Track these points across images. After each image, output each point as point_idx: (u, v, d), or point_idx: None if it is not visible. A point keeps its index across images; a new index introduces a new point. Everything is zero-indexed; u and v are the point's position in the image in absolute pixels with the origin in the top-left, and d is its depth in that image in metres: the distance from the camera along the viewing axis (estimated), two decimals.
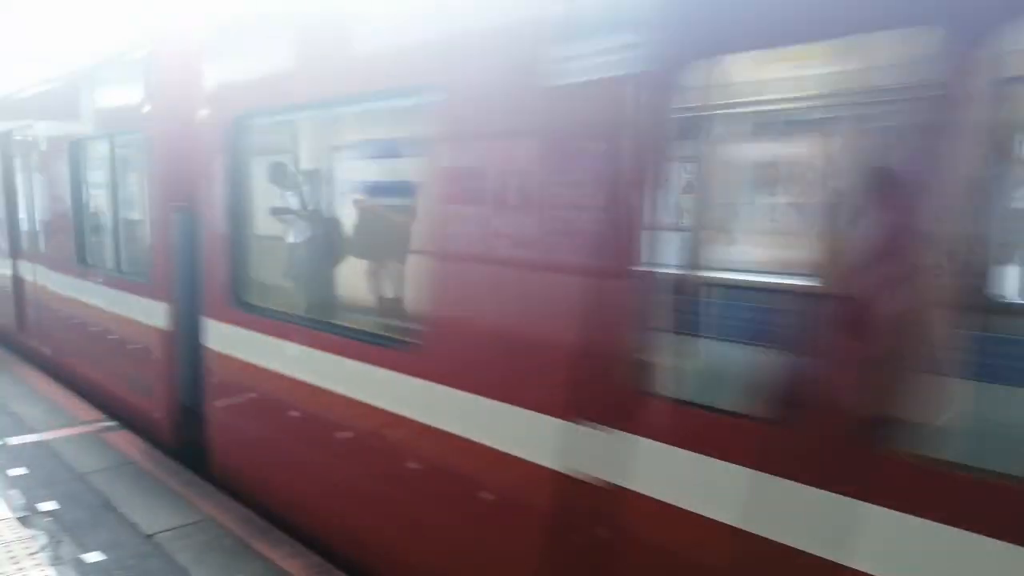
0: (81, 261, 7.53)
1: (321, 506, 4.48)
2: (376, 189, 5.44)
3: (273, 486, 4.94)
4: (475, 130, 3.25)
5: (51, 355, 8.60)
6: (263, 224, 5.51)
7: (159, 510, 4.98)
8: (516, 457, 3.14)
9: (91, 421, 6.81)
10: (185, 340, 5.71)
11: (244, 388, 5.08)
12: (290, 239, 5.77)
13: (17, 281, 9.58)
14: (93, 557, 4.36)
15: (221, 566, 4.28)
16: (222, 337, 5.18)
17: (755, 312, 4.56)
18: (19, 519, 4.79)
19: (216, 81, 5.14)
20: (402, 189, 5.06)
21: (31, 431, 6.52)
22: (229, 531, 4.68)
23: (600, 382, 2.84)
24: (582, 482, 2.91)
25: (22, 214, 9.39)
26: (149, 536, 4.62)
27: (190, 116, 5.33)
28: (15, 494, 5.18)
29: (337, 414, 4.16)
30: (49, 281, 8.41)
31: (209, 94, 5.17)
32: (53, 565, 4.24)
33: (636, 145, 2.68)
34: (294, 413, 4.56)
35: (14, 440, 6.29)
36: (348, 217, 5.57)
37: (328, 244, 5.57)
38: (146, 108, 5.99)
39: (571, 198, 2.88)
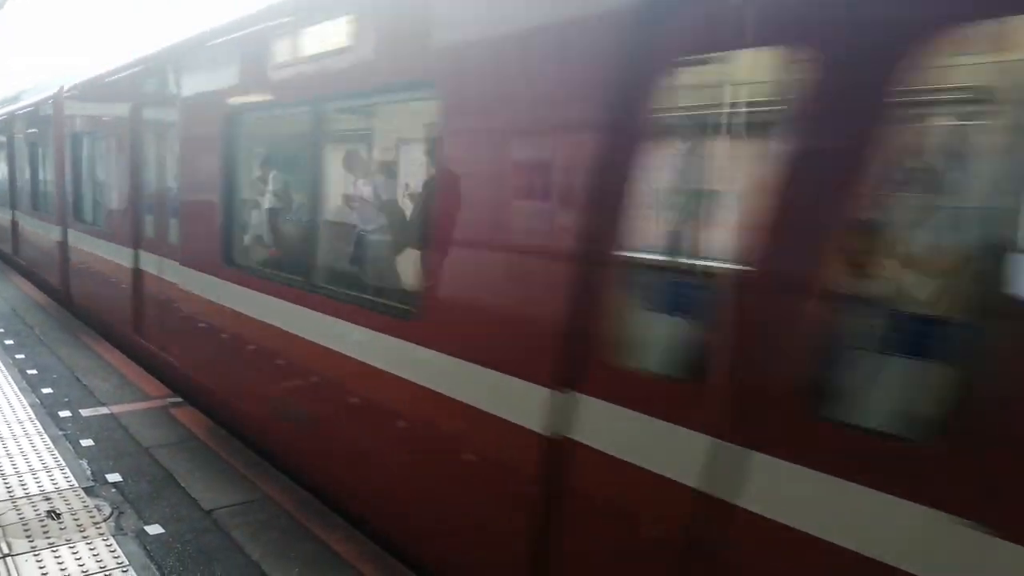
0: None
1: None
2: None
3: None
4: None
5: None
6: None
7: (219, 487, 5.04)
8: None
9: (159, 396, 6.97)
10: None
11: None
12: None
13: None
14: (153, 529, 4.42)
15: (276, 545, 4.29)
16: None
17: None
18: (85, 489, 4.90)
19: None
20: None
21: (101, 404, 6.70)
22: (285, 511, 4.69)
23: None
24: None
25: None
26: (208, 512, 4.67)
27: None
28: (83, 464, 5.31)
29: None
30: None
31: None
32: (115, 535, 4.31)
33: None
34: None
35: (85, 412, 6.47)
36: None
37: None
38: None
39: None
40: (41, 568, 3.91)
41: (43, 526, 4.36)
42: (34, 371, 7.66)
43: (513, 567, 3.32)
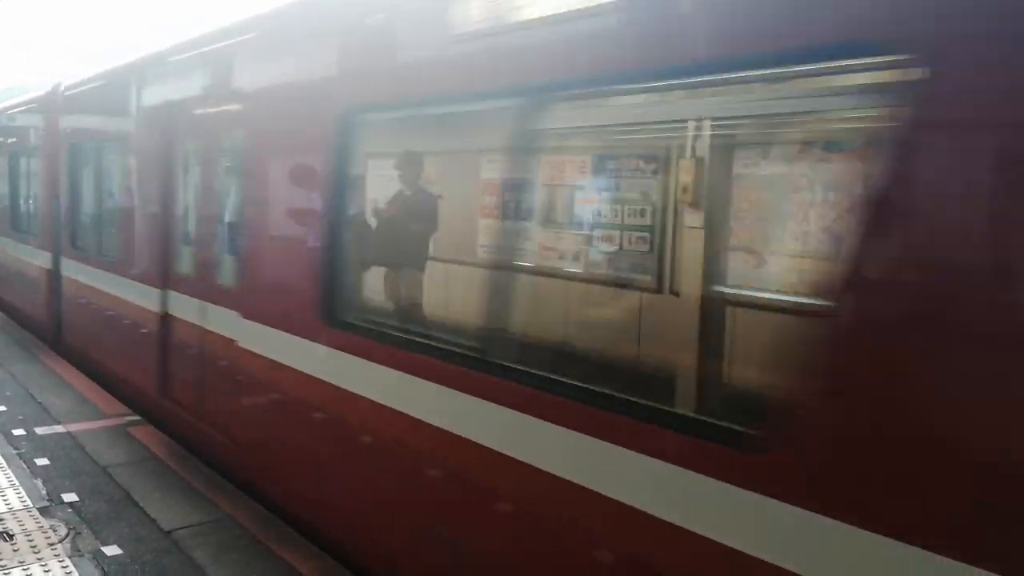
0: None
1: None
2: None
3: None
4: None
5: None
6: None
7: (179, 507, 4.96)
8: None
9: (116, 415, 6.84)
10: None
11: None
12: None
13: None
14: (111, 550, 4.34)
15: (238, 566, 4.24)
16: None
17: None
18: (40, 509, 4.80)
19: None
20: None
21: (57, 422, 6.57)
22: (247, 531, 4.64)
23: None
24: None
25: None
26: (167, 532, 4.60)
27: None
28: (38, 484, 5.20)
29: None
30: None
31: None
32: (71, 556, 4.23)
33: None
34: None
35: (40, 430, 6.33)
36: None
37: None
38: None
39: None
40: None
41: None
42: None
43: None
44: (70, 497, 5.03)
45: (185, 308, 6.14)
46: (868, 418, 2.16)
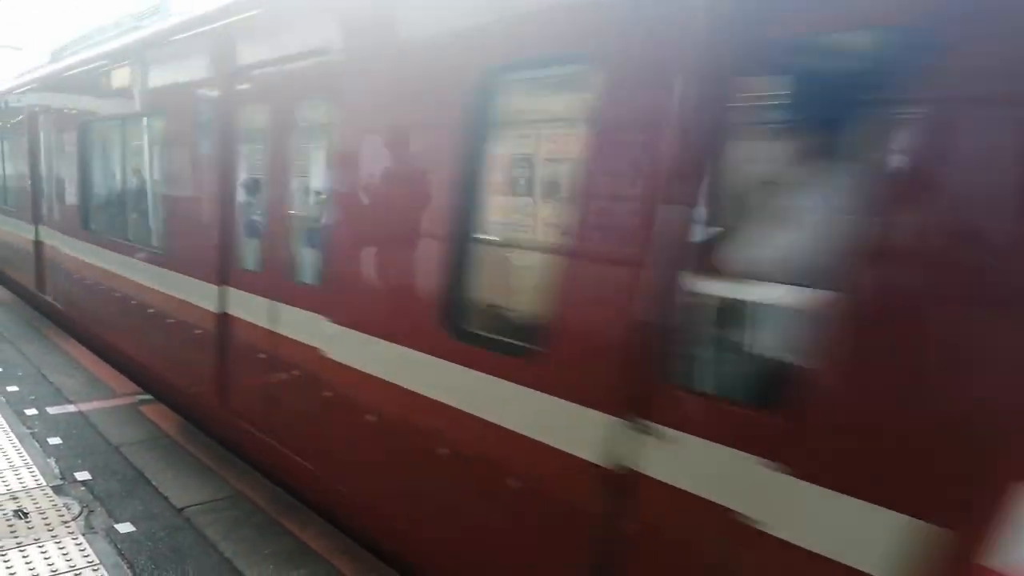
0: None
1: None
2: None
3: None
4: None
5: None
6: None
7: (190, 484, 5.00)
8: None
9: (128, 393, 6.88)
10: None
11: None
12: None
13: None
14: (124, 528, 4.38)
15: (250, 542, 4.27)
16: None
17: None
18: (54, 487, 4.84)
19: None
20: None
21: (69, 401, 6.61)
22: (258, 507, 4.67)
23: None
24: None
25: None
26: (180, 510, 4.64)
27: None
28: (51, 463, 5.24)
29: None
30: None
31: None
32: (85, 534, 4.27)
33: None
34: None
35: (52, 410, 6.38)
36: None
37: None
38: None
39: None
40: (9, 568, 3.86)
41: (10, 526, 4.30)
42: None
43: None
44: (83, 475, 5.07)
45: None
46: None
